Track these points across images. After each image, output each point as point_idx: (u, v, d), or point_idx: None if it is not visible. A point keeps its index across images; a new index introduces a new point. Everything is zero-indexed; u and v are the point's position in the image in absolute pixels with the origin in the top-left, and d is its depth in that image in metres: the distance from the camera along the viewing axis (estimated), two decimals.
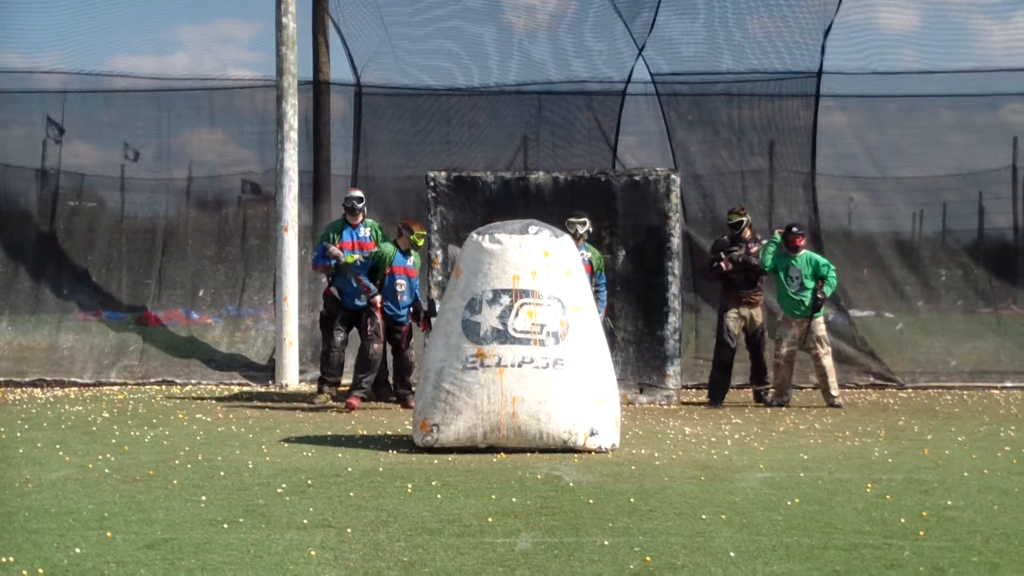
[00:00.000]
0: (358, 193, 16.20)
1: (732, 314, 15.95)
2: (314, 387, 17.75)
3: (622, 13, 19.14)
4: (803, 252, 15.40)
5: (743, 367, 16.67)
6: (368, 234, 15.90)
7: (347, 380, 16.01)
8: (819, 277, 15.17)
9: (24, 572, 6.82)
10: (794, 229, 15.41)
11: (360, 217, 16.01)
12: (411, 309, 15.30)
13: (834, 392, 15.61)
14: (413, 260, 15.13)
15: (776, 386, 15.71)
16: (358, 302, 15.55)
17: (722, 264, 15.87)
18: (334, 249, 15.49)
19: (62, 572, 6.88)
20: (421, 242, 15.08)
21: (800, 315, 15.19)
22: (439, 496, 9.14)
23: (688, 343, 17.30)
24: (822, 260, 15.41)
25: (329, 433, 12.96)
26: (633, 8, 19.09)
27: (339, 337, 15.91)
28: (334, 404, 15.55)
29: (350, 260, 15.25)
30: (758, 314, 16.06)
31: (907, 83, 19.80)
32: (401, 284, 15.10)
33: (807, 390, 16.81)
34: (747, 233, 16.00)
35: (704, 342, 18.63)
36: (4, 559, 7.12)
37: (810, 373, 16.54)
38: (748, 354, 16.31)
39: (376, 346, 14.97)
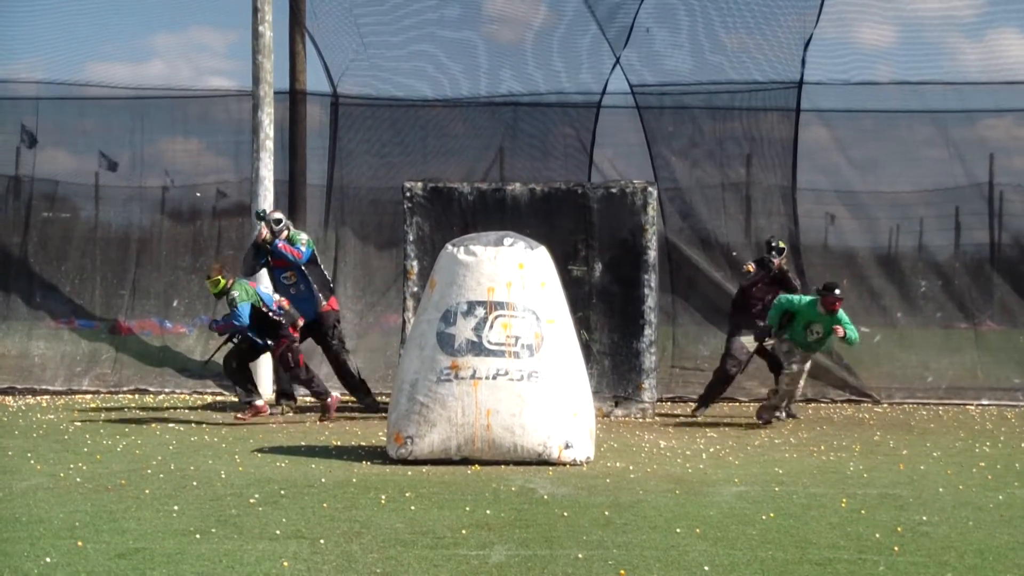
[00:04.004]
0: (278, 215, 16.07)
1: (746, 339, 15.97)
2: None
3: (600, 22, 19.19)
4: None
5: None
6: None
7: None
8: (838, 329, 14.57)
9: None
10: (837, 292, 14.57)
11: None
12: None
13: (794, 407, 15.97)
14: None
15: (773, 404, 15.35)
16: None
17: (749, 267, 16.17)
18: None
19: None
20: (213, 289, 14.53)
21: (808, 351, 15.11)
22: (413, 508, 9.16)
23: (665, 352, 17.34)
24: (846, 320, 14.72)
25: (303, 444, 12.96)
26: (610, 16, 19.13)
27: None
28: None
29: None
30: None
31: (886, 97, 19.89)
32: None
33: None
34: (784, 264, 16.06)
35: (681, 351, 18.69)
36: None
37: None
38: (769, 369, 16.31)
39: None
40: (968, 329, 19.19)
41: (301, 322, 14.89)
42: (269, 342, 14.60)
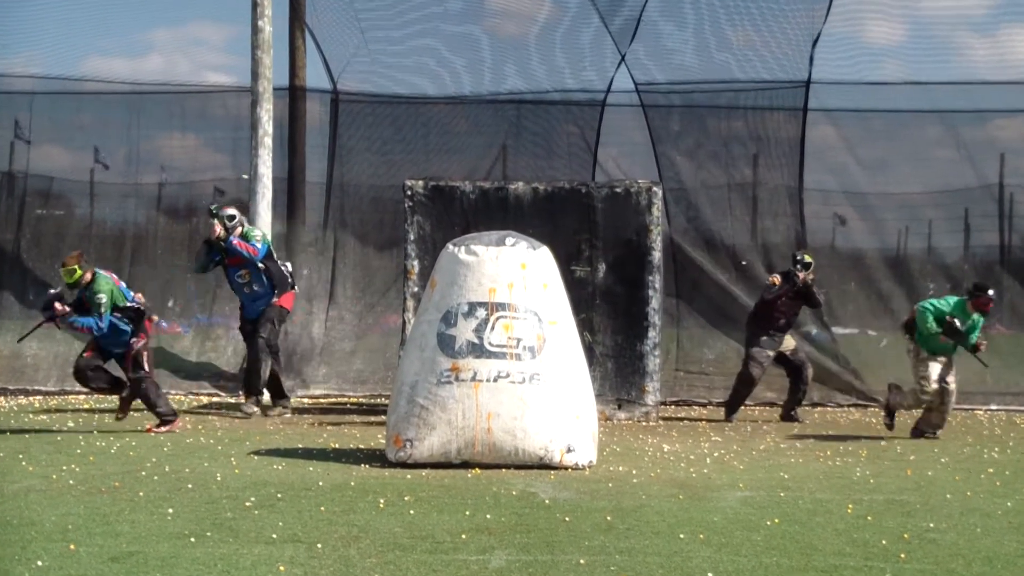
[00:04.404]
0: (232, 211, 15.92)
1: (767, 343, 16.06)
2: (287, 397, 17.82)
3: (604, 18, 19.19)
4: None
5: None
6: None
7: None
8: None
9: None
10: (990, 292, 14.18)
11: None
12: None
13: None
14: None
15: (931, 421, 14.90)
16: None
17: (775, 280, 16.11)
18: None
19: None
20: (68, 279, 13.77)
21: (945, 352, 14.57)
22: (412, 512, 9.13)
23: (669, 354, 17.32)
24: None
25: (300, 446, 12.97)
26: (614, 12, 19.13)
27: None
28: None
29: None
30: (793, 341, 16.19)
31: (895, 97, 19.90)
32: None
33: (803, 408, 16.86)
34: (810, 278, 16.04)
35: (685, 355, 18.70)
36: None
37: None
38: (788, 378, 16.50)
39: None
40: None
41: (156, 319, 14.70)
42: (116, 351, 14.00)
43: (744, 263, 17.19)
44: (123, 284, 13.87)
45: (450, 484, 10.46)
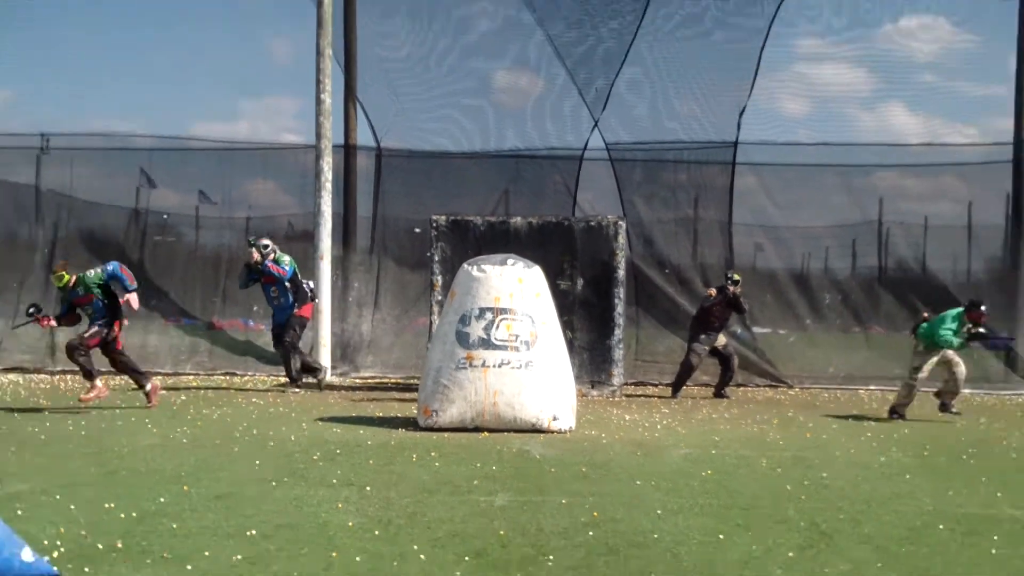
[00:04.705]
0: (265, 241, 15.77)
1: (705, 340, 16.07)
2: (343, 378, 17.88)
3: (582, 94, 19.24)
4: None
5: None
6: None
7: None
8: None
9: (122, 515, 6.92)
10: (983, 308, 13.56)
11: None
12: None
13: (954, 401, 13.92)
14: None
15: (905, 402, 14.04)
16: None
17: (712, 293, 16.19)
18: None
19: (150, 516, 6.97)
20: (58, 283, 13.02)
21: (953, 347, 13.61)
22: (436, 464, 9.23)
23: (630, 348, 17.33)
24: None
25: (353, 414, 12.99)
26: (589, 88, 19.18)
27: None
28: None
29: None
30: (724, 338, 16.27)
31: (802, 154, 19.89)
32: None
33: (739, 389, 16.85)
34: (739, 291, 16.16)
35: (642, 348, 18.62)
36: (107, 505, 7.21)
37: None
38: (719, 366, 16.48)
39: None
40: (860, 332, 19.22)
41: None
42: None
43: (709, 291, 16.92)
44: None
45: (465, 443, 10.54)
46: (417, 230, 19.05)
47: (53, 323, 13.29)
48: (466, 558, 6.01)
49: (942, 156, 20.01)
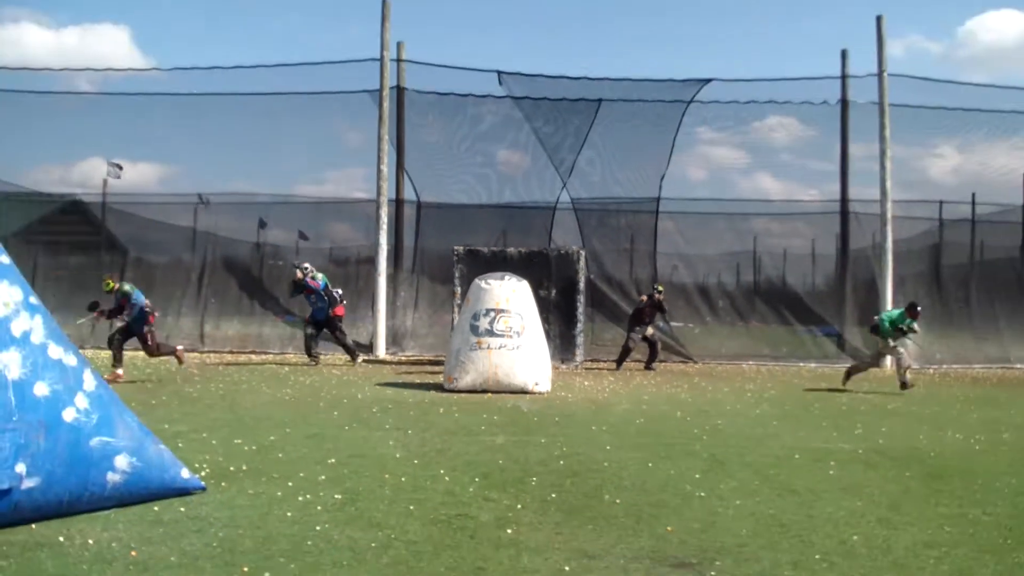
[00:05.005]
0: (306, 264, 15.36)
1: (639, 330, 15.93)
2: (393, 356, 17.79)
3: (556, 166, 19.30)
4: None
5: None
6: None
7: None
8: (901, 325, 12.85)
9: (246, 448, 6.93)
10: (918, 308, 12.94)
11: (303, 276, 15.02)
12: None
13: (908, 376, 12.68)
14: None
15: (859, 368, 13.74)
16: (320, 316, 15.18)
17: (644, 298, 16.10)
18: None
19: (265, 447, 6.98)
20: (106, 288, 12.46)
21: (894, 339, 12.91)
22: (456, 415, 9.22)
23: (588, 336, 17.30)
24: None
25: (400, 381, 12.96)
26: (560, 163, 19.25)
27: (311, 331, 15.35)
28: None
29: None
30: (651, 329, 16.18)
31: (703, 205, 20.03)
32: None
33: (666, 364, 16.84)
34: (662, 298, 16.04)
35: (596, 336, 18.55)
36: (236, 440, 7.22)
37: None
38: (648, 349, 16.25)
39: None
40: (743, 325, 19.26)
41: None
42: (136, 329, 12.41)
43: (642, 297, 16.79)
44: (139, 292, 12.51)
45: (476, 401, 10.54)
46: (444, 257, 19.14)
47: (103, 316, 12.63)
48: (476, 479, 6.01)
49: (795, 208, 20.24)
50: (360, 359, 15.54)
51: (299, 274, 15.04)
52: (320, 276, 15.22)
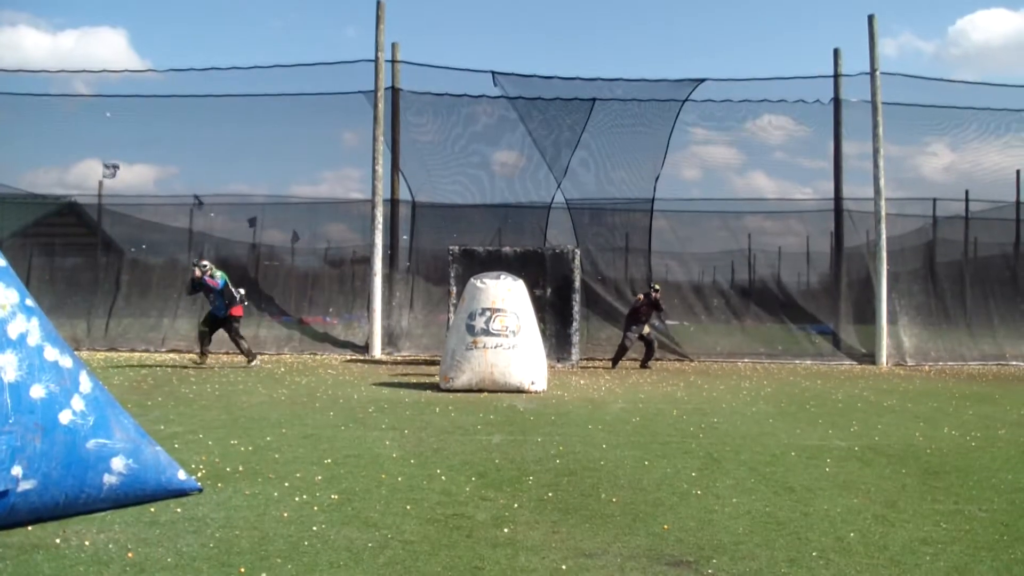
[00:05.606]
0: (205, 262, 14.58)
1: (635, 329, 15.94)
2: (389, 356, 17.76)
3: (550, 167, 19.29)
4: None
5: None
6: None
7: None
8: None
9: (242, 448, 6.89)
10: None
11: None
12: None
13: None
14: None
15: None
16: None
17: (640, 297, 16.10)
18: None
19: (261, 448, 6.94)
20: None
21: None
22: (453, 414, 9.20)
23: (583, 335, 17.33)
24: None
25: (396, 380, 12.94)
26: (554, 164, 19.25)
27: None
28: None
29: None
30: (647, 328, 16.18)
31: (697, 204, 20.08)
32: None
33: (660, 362, 16.87)
34: (659, 296, 16.05)
35: (591, 336, 18.63)
36: (233, 441, 7.19)
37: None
38: (644, 347, 16.30)
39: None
40: (738, 324, 19.28)
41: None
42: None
43: (639, 296, 16.76)
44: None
45: (472, 400, 10.52)
46: (440, 257, 19.16)
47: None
48: (473, 478, 5.99)
49: (789, 207, 20.24)
50: (256, 362, 14.89)
51: (197, 272, 14.37)
52: (219, 274, 14.53)
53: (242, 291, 14.91)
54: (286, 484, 5.70)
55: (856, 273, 19.21)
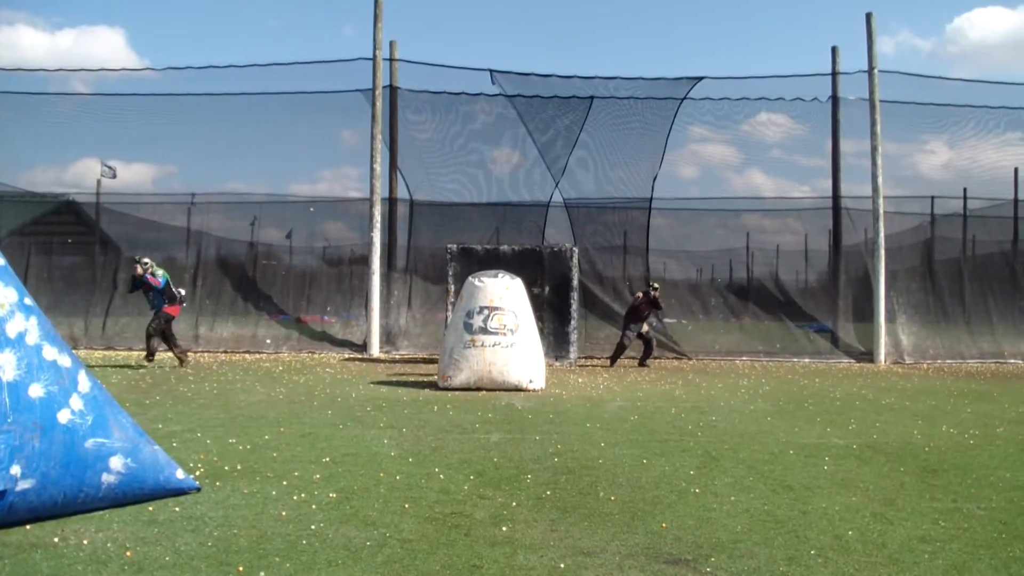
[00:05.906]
0: (146, 260, 14.21)
1: (634, 327, 15.94)
2: (387, 354, 17.75)
3: (548, 166, 19.29)
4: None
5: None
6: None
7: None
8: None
9: (240, 447, 6.87)
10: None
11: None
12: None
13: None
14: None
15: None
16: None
17: (639, 295, 16.10)
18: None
19: (259, 446, 6.93)
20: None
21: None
22: (451, 412, 9.19)
23: (581, 333, 17.34)
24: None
25: (394, 379, 12.94)
26: (552, 163, 19.26)
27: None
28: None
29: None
30: (645, 327, 16.19)
31: (693, 203, 20.11)
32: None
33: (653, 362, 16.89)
34: (658, 294, 16.05)
35: (589, 334, 18.65)
36: (231, 440, 7.17)
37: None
38: (642, 345, 16.32)
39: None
40: (736, 322, 19.30)
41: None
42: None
43: (637, 294, 16.87)
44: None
45: (470, 399, 10.51)
46: (438, 255, 19.18)
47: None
48: (471, 477, 5.98)
49: (787, 205, 20.32)
50: (189, 363, 14.55)
51: (139, 269, 14.04)
52: (161, 272, 14.18)
53: (183, 291, 14.61)
54: (284, 483, 5.69)
55: (854, 271, 19.23)
